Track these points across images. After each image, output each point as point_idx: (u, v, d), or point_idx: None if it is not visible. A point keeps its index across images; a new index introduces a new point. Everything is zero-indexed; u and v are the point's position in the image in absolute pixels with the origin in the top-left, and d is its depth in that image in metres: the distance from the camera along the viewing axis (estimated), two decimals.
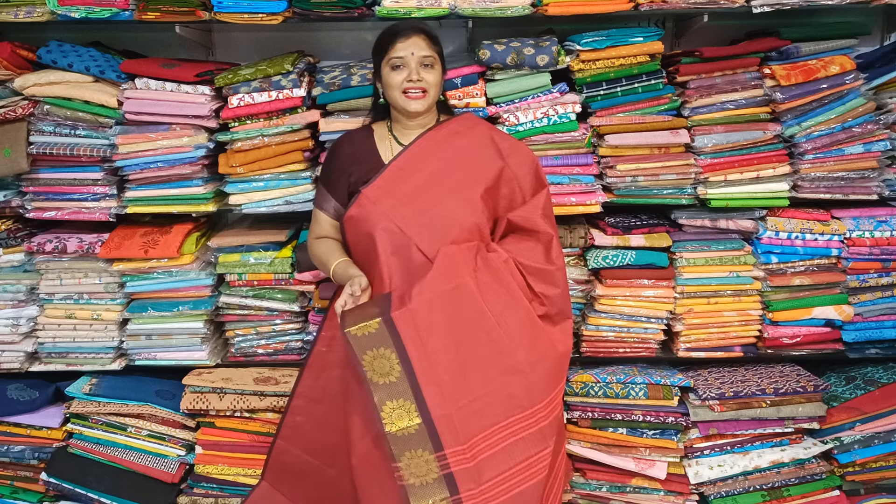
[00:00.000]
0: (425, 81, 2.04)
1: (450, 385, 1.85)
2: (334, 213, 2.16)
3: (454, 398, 1.85)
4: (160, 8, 2.43)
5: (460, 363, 1.88)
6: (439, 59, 2.09)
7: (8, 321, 2.61)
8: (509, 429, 1.90)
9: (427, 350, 1.85)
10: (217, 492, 2.65)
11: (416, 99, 2.05)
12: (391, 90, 2.07)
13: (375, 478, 1.94)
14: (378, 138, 2.17)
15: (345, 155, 2.15)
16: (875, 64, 2.58)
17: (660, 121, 2.51)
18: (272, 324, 2.66)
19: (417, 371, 1.83)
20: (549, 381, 1.98)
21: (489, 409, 1.88)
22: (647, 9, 2.44)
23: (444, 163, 2.07)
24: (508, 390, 1.90)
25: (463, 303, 1.91)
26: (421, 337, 1.85)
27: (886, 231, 2.59)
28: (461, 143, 2.10)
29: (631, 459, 2.61)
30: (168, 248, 2.51)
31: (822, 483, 2.61)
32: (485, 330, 1.92)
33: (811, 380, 2.61)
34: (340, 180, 2.13)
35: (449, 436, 1.83)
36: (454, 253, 1.95)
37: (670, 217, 2.63)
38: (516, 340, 1.94)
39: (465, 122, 2.18)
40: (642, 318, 2.61)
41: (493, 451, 1.88)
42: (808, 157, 2.50)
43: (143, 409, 2.63)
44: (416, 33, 2.04)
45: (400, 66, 2.04)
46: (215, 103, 2.52)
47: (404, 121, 2.14)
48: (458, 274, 1.92)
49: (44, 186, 2.54)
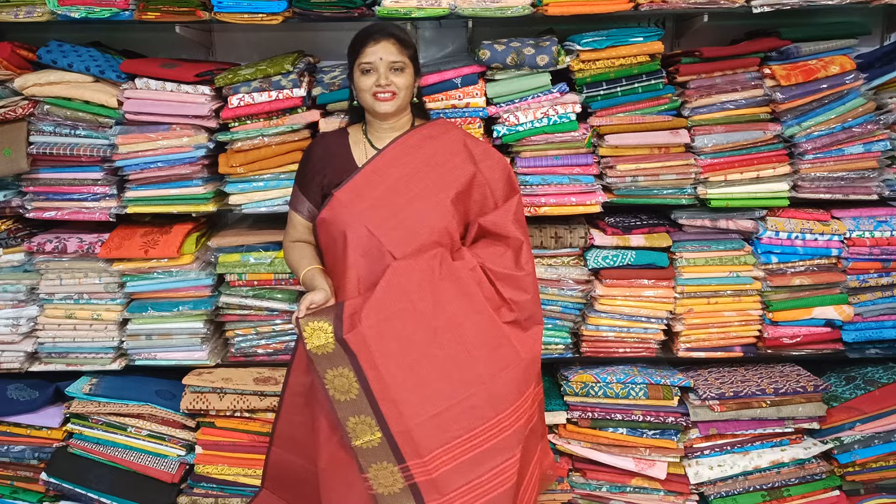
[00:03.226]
0: (394, 85, 2.04)
1: (407, 402, 1.89)
2: (308, 215, 2.17)
3: (413, 414, 1.89)
4: (160, 8, 2.43)
5: (417, 380, 1.91)
6: (411, 63, 2.09)
7: (8, 321, 2.61)
8: (474, 440, 1.93)
9: (381, 370, 1.89)
10: (217, 492, 2.65)
11: (384, 101, 2.05)
12: (361, 93, 2.08)
13: (342, 480, 1.98)
14: (353, 142, 2.17)
15: (318, 157, 2.16)
16: (875, 64, 2.58)
17: (660, 121, 2.51)
18: (272, 324, 2.66)
19: (374, 390, 1.89)
20: (513, 388, 1.99)
21: (452, 422, 1.92)
22: (647, 9, 2.43)
23: (416, 167, 2.08)
24: (470, 402, 1.93)
25: (414, 323, 1.93)
26: (374, 357, 1.89)
27: (886, 231, 2.59)
28: (434, 148, 2.11)
29: (631, 459, 2.62)
30: (168, 248, 2.51)
31: (822, 483, 2.62)
32: (440, 346, 1.94)
33: (811, 380, 2.61)
34: (314, 182, 2.14)
35: (409, 449, 1.89)
36: (405, 269, 1.96)
37: (670, 217, 2.63)
38: (476, 352, 1.96)
39: (439, 127, 2.18)
40: (642, 318, 2.60)
41: (457, 462, 1.92)
42: (808, 157, 2.50)
43: (143, 409, 2.63)
44: (385, 38, 2.04)
45: (369, 70, 2.05)
46: (215, 103, 2.52)
47: (378, 123, 2.14)
48: (406, 294, 1.94)
49: (44, 186, 2.54)
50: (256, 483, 2.61)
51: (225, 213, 2.65)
